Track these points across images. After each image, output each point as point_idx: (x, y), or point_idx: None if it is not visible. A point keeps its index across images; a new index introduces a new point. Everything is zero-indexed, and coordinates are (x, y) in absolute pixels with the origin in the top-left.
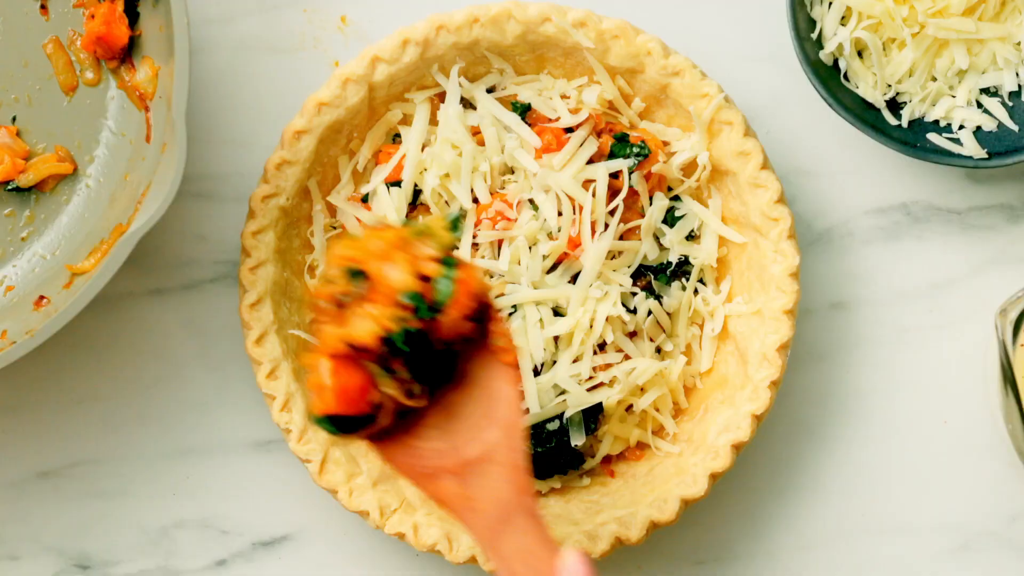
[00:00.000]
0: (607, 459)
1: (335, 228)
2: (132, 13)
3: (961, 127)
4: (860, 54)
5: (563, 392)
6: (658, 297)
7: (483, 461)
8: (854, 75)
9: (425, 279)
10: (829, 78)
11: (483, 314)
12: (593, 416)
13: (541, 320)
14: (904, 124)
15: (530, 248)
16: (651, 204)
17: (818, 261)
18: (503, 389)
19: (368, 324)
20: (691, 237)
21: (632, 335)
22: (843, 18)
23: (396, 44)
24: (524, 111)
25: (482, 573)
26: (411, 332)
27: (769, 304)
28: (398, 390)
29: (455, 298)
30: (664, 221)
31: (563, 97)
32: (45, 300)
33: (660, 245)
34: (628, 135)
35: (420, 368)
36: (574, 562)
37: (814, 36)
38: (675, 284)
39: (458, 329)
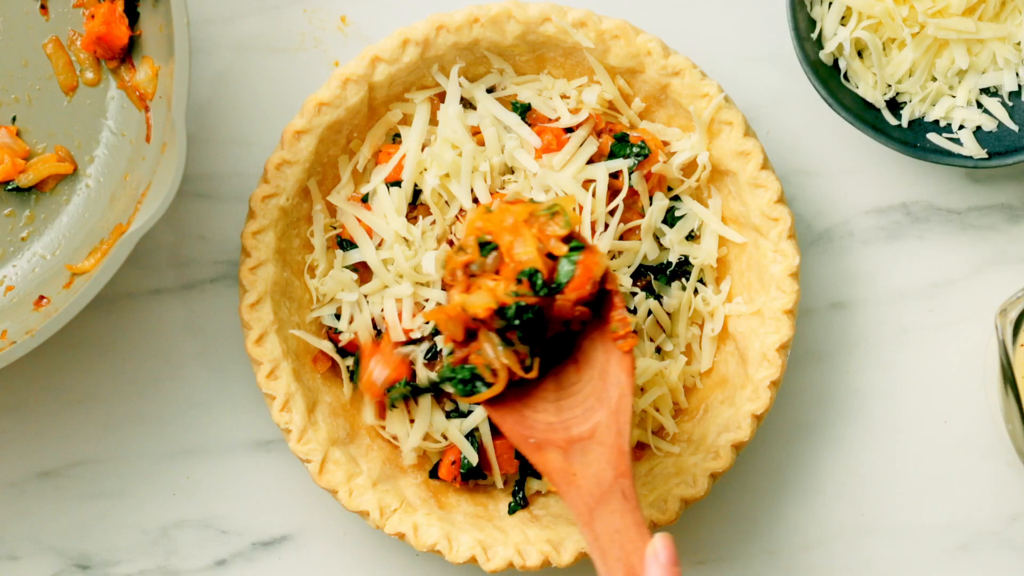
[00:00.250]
0: None
1: (335, 228)
2: (132, 13)
3: (961, 127)
4: (860, 54)
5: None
6: (658, 297)
7: (588, 440)
8: (854, 75)
9: (552, 257)
10: (829, 78)
11: (602, 299)
12: None
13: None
14: (904, 124)
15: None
16: (651, 204)
17: (818, 261)
18: (617, 374)
19: (485, 297)
20: (691, 237)
21: None
22: (843, 18)
23: (396, 44)
24: (524, 111)
25: (482, 573)
26: (523, 308)
27: (769, 304)
28: (514, 361)
29: (574, 281)
30: (664, 221)
31: (563, 97)
32: (45, 300)
33: (660, 245)
34: (628, 135)
35: (536, 342)
36: (662, 547)
37: (814, 36)
38: (675, 284)
39: (573, 312)
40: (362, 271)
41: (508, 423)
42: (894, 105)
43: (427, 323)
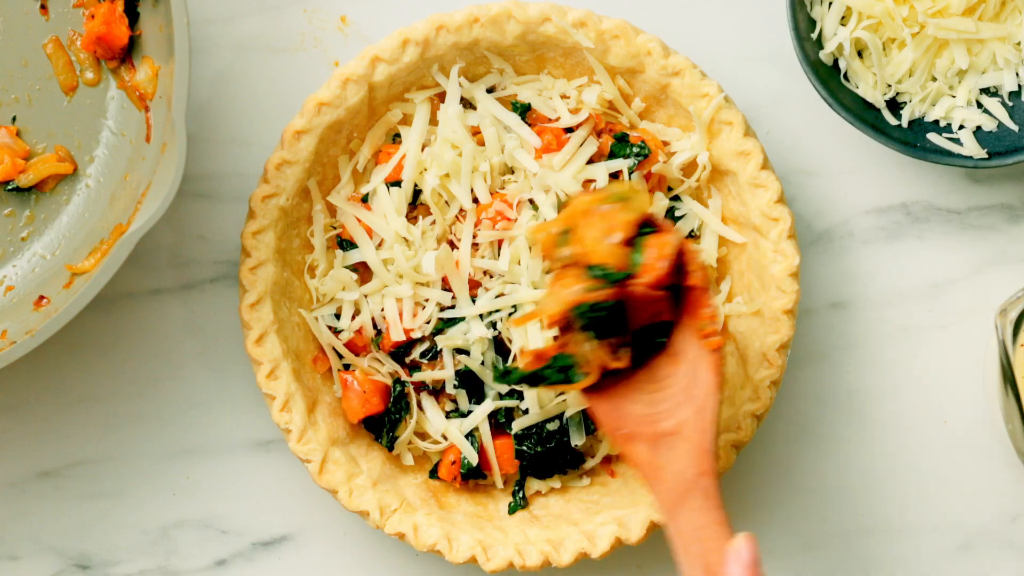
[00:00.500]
0: (607, 459)
1: (335, 228)
2: (132, 13)
3: (961, 127)
4: (860, 54)
5: (564, 392)
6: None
7: (674, 435)
8: (854, 75)
9: (628, 244)
10: (829, 78)
11: (691, 294)
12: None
13: (541, 320)
14: (904, 124)
15: (530, 248)
16: (651, 204)
17: (818, 261)
18: (703, 372)
19: (554, 300)
20: (691, 237)
21: None
22: (843, 18)
23: (396, 44)
24: (524, 111)
25: (482, 573)
26: (596, 305)
27: (769, 304)
28: (604, 353)
29: (644, 265)
30: None
31: (563, 97)
32: (45, 300)
33: None
34: (628, 135)
35: (618, 333)
36: (744, 547)
37: (814, 36)
38: None
39: (652, 297)
40: (362, 271)
41: (601, 412)
42: (894, 105)
43: (427, 323)
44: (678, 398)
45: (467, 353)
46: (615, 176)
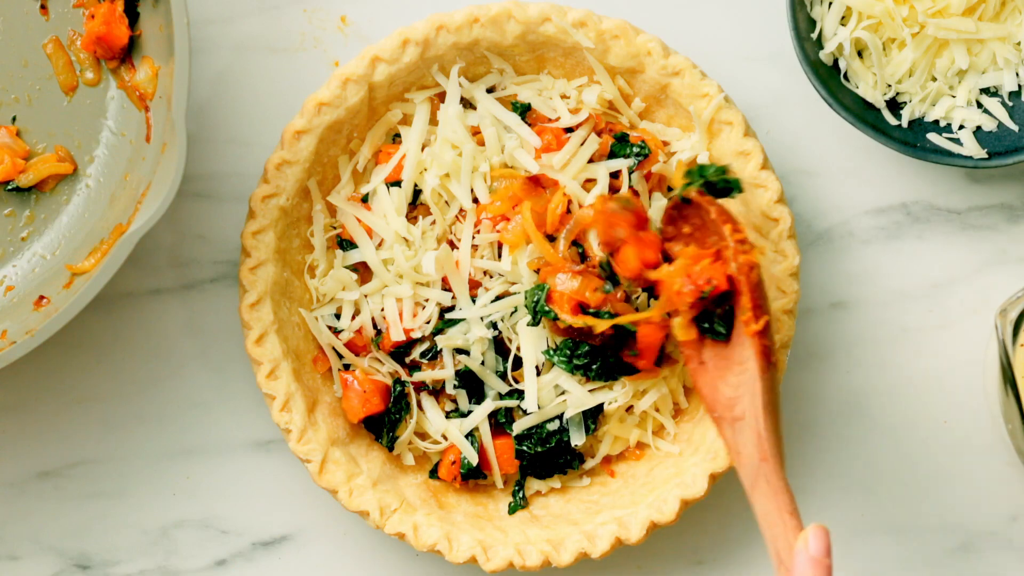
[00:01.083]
0: (607, 459)
1: (335, 228)
2: (132, 13)
3: (961, 127)
4: (860, 54)
5: (563, 392)
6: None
7: (742, 420)
8: (854, 75)
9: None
10: (829, 78)
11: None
12: (593, 416)
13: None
14: (904, 124)
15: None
16: (651, 204)
17: (818, 261)
18: (751, 358)
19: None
20: None
21: None
22: (843, 18)
23: (396, 44)
24: (524, 111)
25: (482, 573)
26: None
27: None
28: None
29: (624, 241)
30: None
31: (563, 97)
32: (45, 300)
33: None
34: (628, 135)
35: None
36: (814, 537)
37: (814, 36)
38: None
39: (645, 258)
40: (362, 271)
41: (704, 391)
42: (894, 105)
43: (427, 323)
44: (747, 384)
45: (467, 353)
46: (615, 176)
